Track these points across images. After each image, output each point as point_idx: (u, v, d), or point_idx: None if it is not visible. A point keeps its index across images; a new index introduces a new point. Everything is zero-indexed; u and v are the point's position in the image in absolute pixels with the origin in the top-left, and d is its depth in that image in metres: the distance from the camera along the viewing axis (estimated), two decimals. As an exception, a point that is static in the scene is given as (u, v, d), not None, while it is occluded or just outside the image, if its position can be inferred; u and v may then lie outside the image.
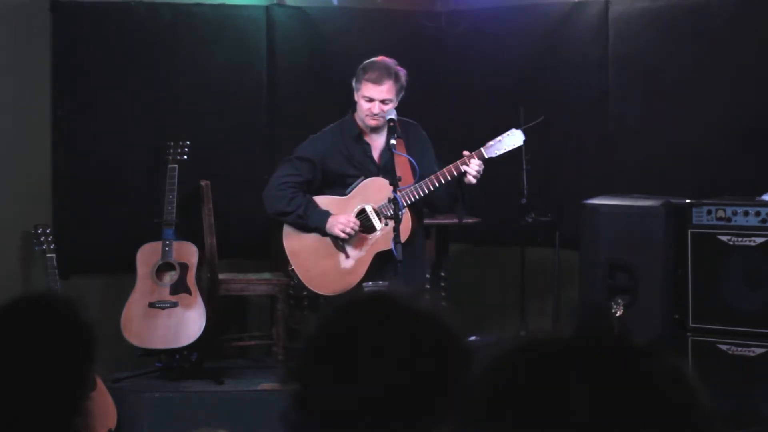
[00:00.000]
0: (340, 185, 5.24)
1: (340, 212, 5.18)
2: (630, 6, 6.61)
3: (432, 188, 5.06)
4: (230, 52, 6.83)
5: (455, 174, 5.04)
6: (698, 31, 6.36)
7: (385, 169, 5.15)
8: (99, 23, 6.55)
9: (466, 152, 5.06)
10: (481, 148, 5.09)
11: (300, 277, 5.28)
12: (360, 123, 5.23)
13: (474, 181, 5.02)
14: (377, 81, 5.11)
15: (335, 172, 5.25)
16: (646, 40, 6.54)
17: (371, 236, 5.18)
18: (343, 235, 5.14)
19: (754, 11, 6.22)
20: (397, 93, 5.15)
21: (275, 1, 6.97)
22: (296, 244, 5.28)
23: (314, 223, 5.18)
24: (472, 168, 5.00)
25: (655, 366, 1.11)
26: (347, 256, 5.22)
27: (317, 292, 5.29)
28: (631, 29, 6.60)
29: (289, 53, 6.99)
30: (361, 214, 5.20)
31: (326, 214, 5.17)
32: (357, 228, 5.16)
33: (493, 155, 5.10)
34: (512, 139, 5.14)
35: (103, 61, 6.56)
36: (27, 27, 6.41)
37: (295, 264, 5.29)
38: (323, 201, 5.24)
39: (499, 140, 5.13)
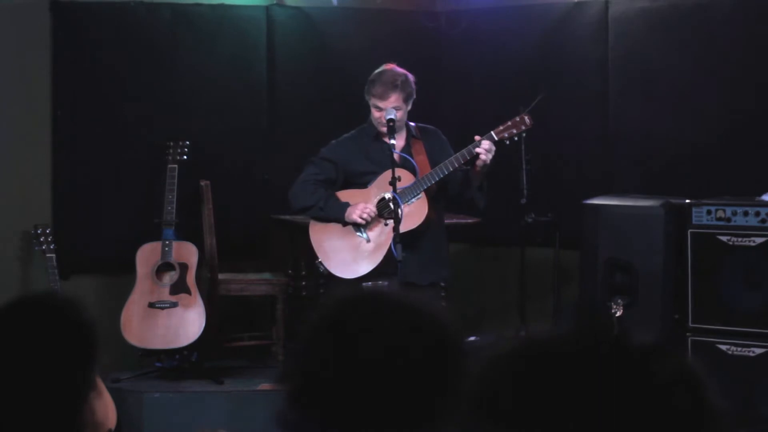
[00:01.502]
0: (362, 183, 5.50)
1: (360, 202, 5.42)
2: (630, 6, 6.61)
3: (446, 171, 5.30)
4: (230, 52, 6.83)
5: (467, 157, 5.28)
6: (698, 31, 6.35)
7: (404, 166, 5.38)
8: (99, 23, 6.55)
9: (477, 136, 5.30)
10: (491, 131, 5.34)
11: (326, 265, 5.47)
12: (377, 125, 5.43)
13: (486, 161, 5.24)
14: (382, 96, 5.35)
15: (358, 172, 5.50)
16: (646, 40, 6.54)
17: (390, 222, 5.34)
18: (360, 220, 5.38)
19: (753, 11, 6.22)
20: (405, 100, 5.40)
21: (275, 1, 6.97)
22: (321, 235, 5.50)
23: (334, 213, 5.43)
24: (483, 148, 5.23)
25: (656, 367, 1.10)
26: (369, 242, 5.43)
27: (343, 277, 5.45)
28: (631, 29, 6.60)
29: (289, 53, 6.99)
30: (381, 202, 5.42)
31: (345, 205, 5.42)
32: (374, 214, 5.40)
33: (503, 137, 5.36)
34: (520, 123, 5.40)
35: (103, 61, 6.56)
36: (27, 27, 6.41)
37: (321, 254, 5.50)
38: (344, 194, 5.49)
39: (508, 124, 5.39)
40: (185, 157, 6.41)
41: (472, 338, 6.31)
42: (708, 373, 1.16)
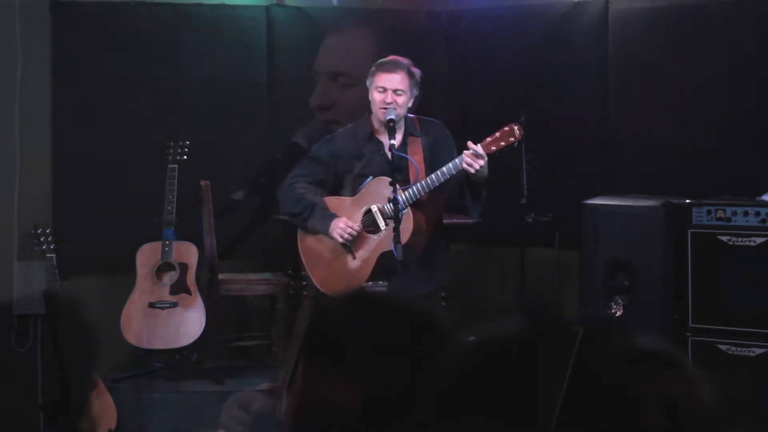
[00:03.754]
0: (353, 185, 5.29)
1: (348, 213, 5.25)
2: (630, 6, 6.61)
3: (430, 186, 5.08)
4: (230, 52, 6.83)
5: (453, 172, 5.09)
6: (698, 31, 6.36)
7: (398, 168, 5.19)
8: (99, 23, 6.56)
9: (469, 142, 5.11)
10: (479, 144, 5.14)
11: (312, 277, 5.37)
12: (374, 122, 5.28)
13: (473, 171, 5.05)
14: (390, 70, 5.20)
15: (346, 172, 5.33)
16: (646, 40, 6.54)
17: (376, 236, 5.23)
18: (340, 239, 5.20)
19: (754, 11, 6.22)
20: (411, 86, 5.22)
21: (275, 1, 6.97)
22: (308, 245, 5.36)
23: (320, 225, 5.27)
24: (467, 159, 5.05)
25: (594, 352, 1.11)
26: (354, 257, 5.27)
27: (326, 292, 5.33)
28: (631, 29, 6.60)
29: (289, 53, 6.99)
30: (367, 215, 5.25)
31: (330, 217, 5.23)
32: (354, 232, 5.21)
33: (491, 151, 5.15)
34: (509, 135, 5.21)
35: (103, 60, 6.57)
36: (27, 27, 6.41)
37: (307, 265, 5.38)
38: (332, 202, 5.31)
39: (496, 136, 5.20)
40: (185, 157, 6.41)
41: (471, 338, 6.30)
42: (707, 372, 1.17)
